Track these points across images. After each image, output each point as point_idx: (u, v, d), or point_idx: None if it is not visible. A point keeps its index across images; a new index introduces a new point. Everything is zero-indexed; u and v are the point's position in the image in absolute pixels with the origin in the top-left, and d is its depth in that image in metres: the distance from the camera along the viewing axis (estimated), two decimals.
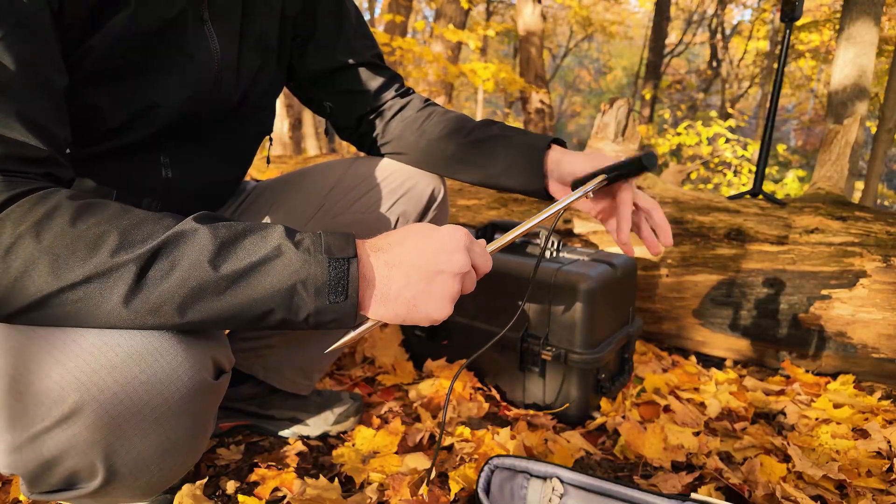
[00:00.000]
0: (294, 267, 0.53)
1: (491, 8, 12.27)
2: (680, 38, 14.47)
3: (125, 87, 0.69)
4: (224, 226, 0.54)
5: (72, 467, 0.57)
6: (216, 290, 0.52)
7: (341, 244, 0.56)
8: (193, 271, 0.51)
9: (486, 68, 5.87)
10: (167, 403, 0.56)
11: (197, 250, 0.51)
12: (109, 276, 0.49)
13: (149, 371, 0.54)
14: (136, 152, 0.76)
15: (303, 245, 0.55)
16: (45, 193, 0.51)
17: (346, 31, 0.98)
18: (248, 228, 0.55)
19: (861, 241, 1.56)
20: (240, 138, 0.93)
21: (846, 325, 1.50)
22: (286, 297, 0.54)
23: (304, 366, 1.13)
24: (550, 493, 0.90)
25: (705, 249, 1.70)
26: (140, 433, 0.56)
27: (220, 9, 0.78)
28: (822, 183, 1.96)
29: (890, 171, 12.40)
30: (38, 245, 0.48)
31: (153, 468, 0.60)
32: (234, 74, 0.82)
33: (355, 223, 1.00)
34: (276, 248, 0.54)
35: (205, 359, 0.58)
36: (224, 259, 0.52)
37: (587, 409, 1.28)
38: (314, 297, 0.54)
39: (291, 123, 7.03)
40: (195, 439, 0.62)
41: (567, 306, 1.24)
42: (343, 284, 0.55)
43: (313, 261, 0.54)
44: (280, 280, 0.53)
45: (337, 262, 0.55)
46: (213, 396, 0.62)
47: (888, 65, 5.07)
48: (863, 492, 1.02)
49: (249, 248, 0.53)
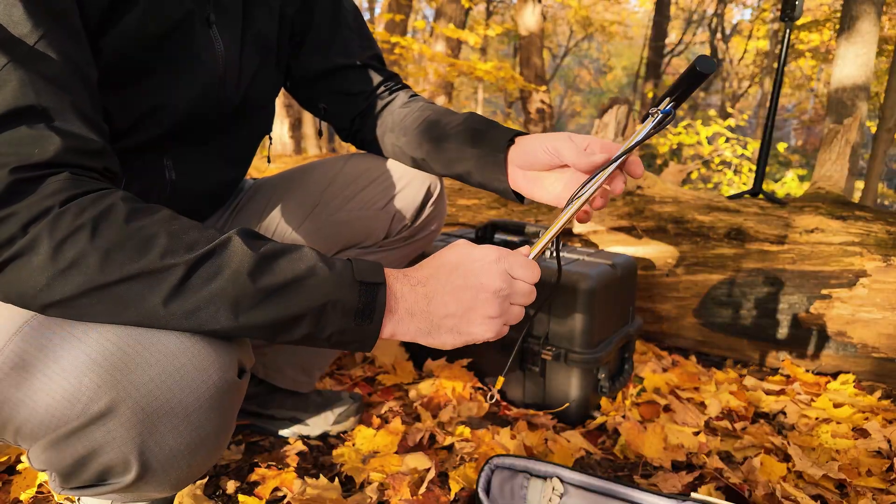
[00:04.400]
0: (328, 288, 0.56)
1: (491, 8, 12.27)
2: (680, 38, 14.46)
3: (134, 88, 0.69)
4: (264, 243, 0.57)
5: (106, 463, 0.58)
6: (252, 302, 0.54)
7: (372, 271, 0.59)
8: (233, 281, 0.53)
9: (486, 65, 5.88)
10: (198, 401, 0.57)
11: (238, 262, 0.54)
12: (156, 276, 0.51)
13: (182, 370, 0.56)
14: (142, 154, 0.76)
15: (335, 268, 0.57)
16: (103, 194, 0.53)
17: (342, 32, 0.97)
18: (285, 248, 0.57)
19: (861, 241, 1.56)
20: (241, 138, 0.93)
21: (846, 324, 1.50)
22: (316, 314, 0.56)
23: (304, 364, 1.13)
24: (550, 492, 0.90)
25: (705, 249, 1.70)
26: (172, 429, 0.57)
27: (224, 9, 0.78)
28: (823, 182, 1.96)
29: (890, 170, 12.40)
30: (91, 240, 0.50)
31: (183, 463, 0.61)
32: (236, 75, 0.82)
33: (350, 221, 1.00)
34: (311, 268, 0.56)
35: (231, 358, 0.60)
36: (262, 273, 0.54)
37: (587, 409, 1.28)
38: (341, 317, 0.57)
39: (291, 123, 7.02)
40: (221, 435, 0.64)
41: (567, 306, 1.24)
42: (370, 308, 0.58)
43: (346, 284, 0.57)
44: (313, 298, 0.55)
45: (367, 287, 0.58)
46: (238, 394, 0.64)
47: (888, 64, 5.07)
48: (863, 491, 1.02)
49: (286, 266, 0.55)
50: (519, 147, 0.80)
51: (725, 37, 13.45)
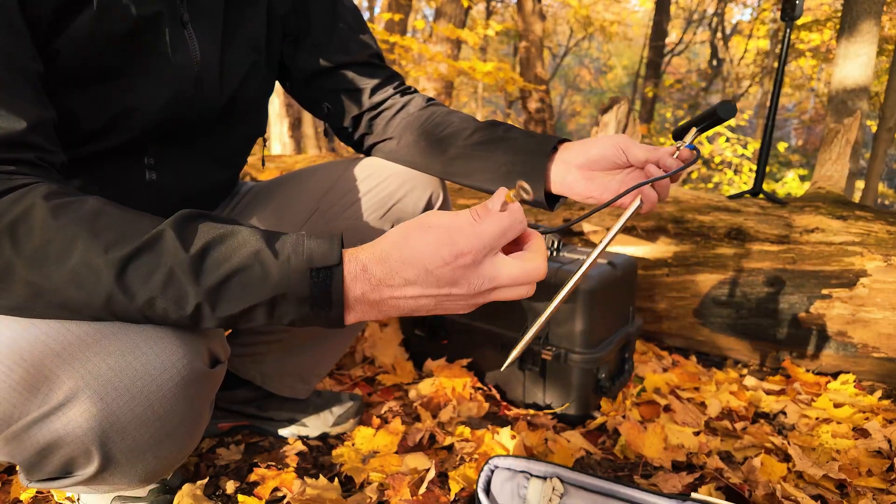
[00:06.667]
0: (273, 280, 0.51)
1: (491, 7, 12.26)
2: (680, 38, 14.46)
3: (100, 89, 0.68)
4: (202, 229, 0.52)
5: (68, 454, 0.58)
6: (194, 300, 0.51)
7: (325, 251, 0.52)
8: (169, 281, 0.50)
9: (486, 66, 5.88)
10: (161, 390, 0.56)
11: (171, 259, 0.50)
12: (87, 279, 0.50)
13: (143, 359, 0.55)
14: (118, 155, 0.75)
15: (282, 254, 0.52)
16: (22, 192, 0.51)
17: (340, 30, 0.95)
18: (223, 235, 0.52)
19: (861, 241, 1.56)
20: (229, 140, 0.91)
21: (846, 324, 1.49)
22: (267, 307, 0.53)
23: (301, 371, 1.13)
24: (550, 492, 0.90)
25: (706, 249, 1.70)
26: (134, 420, 0.57)
27: (202, 10, 0.76)
28: (823, 182, 1.96)
29: (890, 170, 12.40)
30: (13, 248, 0.49)
31: (149, 455, 0.60)
32: (216, 77, 0.80)
33: (349, 229, 0.98)
34: (254, 255, 0.51)
35: (199, 348, 0.59)
36: (199, 272, 0.50)
37: (587, 409, 1.28)
38: (296, 307, 0.53)
39: (291, 123, 7.03)
40: (190, 427, 0.63)
41: (567, 306, 1.24)
42: (326, 296, 0.52)
43: (293, 272, 0.51)
44: (260, 293, 0.51)
45: (319, 272, 0.52)
46: (208, 385, 0.62)
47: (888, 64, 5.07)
48: (863, 491, 1.02)
49: (226, 256, 0.51)
50: (574, 149, 0.80)
51: (725, 36, 13.44)
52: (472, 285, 0.54)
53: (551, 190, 0.84)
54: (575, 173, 0.80)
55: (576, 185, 0.80)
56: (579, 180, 0.80)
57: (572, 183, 0.81)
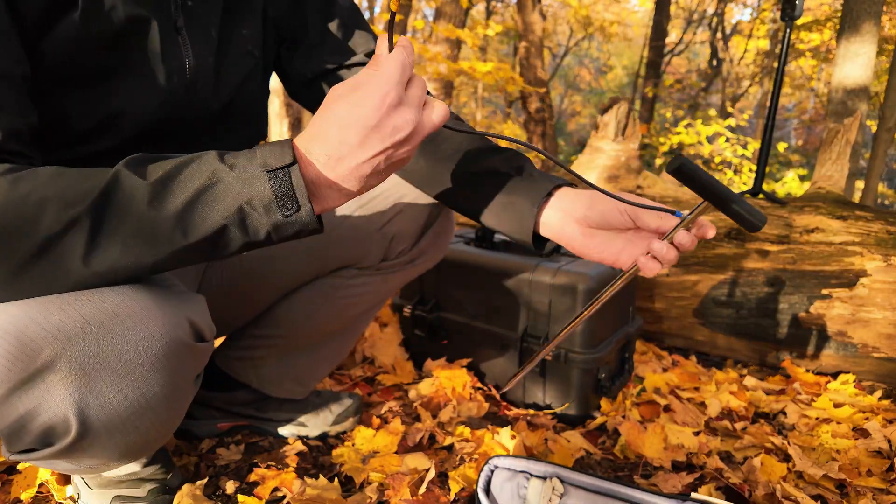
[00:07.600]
0: (235, 189, 0.53)
1: (491, 7, 12.26)
2: (680, 38, 14.46)
3: (91, 91, 0.68)
4: (156, 165, 0.54)
5: (46, 422, 0.58)
6: (167, 230, 0.52)
7: (277, 154, 0.54)
8: (138, 217, 0.51)
9: (485, 66, 5.87)
10: (139, 357, 0.57)
11: (132, 195, 0.52)
12: (63, 238, 0.51)
13: (122, 325, 0.56)
14: (118, 156, 0.75)
15: (238, 165, 0.54)
16: None
17: (337, 31, 0.94)
18: (181, 162, 0.54)
19: (861, 241, 1.56)
20: (228, 144, 0.90)
21: (846, 324, 1.49)
22: (237, 221, 0.54)
23: (298, 375, 1.13)
24: (550, 492, 0.90)
25: (705, 249, 1.70)
26: (112, 386, 0.57)
27: (197, 16, 0.76)
28: (823, 182, 1.96)
29: (890, 170, 12.39)
30: None
31: (128, 426, 0.61)
32: (211, 81, 0.79)
33: (344, 240, 0.97)
34: (211, 173, 0.53)
35: (179, 319, 0.59)
36: (162, 199, 0.52)
37: (587, 409, 1.28)
38: (265, 214, 0.54)
39: (291, 123, 7.02)
40: (170, 401, 0.63)
41: (567, 306, 1.24)
42: (290, 195, 0.54)
43: (251, 178, 0.53)
44: (224, 206, 0.53)
45: (276, 173, 0.53)
46: (190, 359, 0.63)
47: (888, 64, 5.07)
48: (863, 491, 1.02)
49: (185, 183, 0.53)
50: (571, 199, 0.76)
51: (725, 36, 13.44)
52: (409, 119, 0.56)
53: (540, 232, 0.79)
54: (573, 227, 0.76)
55: (574, 240, 0.77)
56: (577, 236, 0.76)
57: (571, 236, 0.77)
